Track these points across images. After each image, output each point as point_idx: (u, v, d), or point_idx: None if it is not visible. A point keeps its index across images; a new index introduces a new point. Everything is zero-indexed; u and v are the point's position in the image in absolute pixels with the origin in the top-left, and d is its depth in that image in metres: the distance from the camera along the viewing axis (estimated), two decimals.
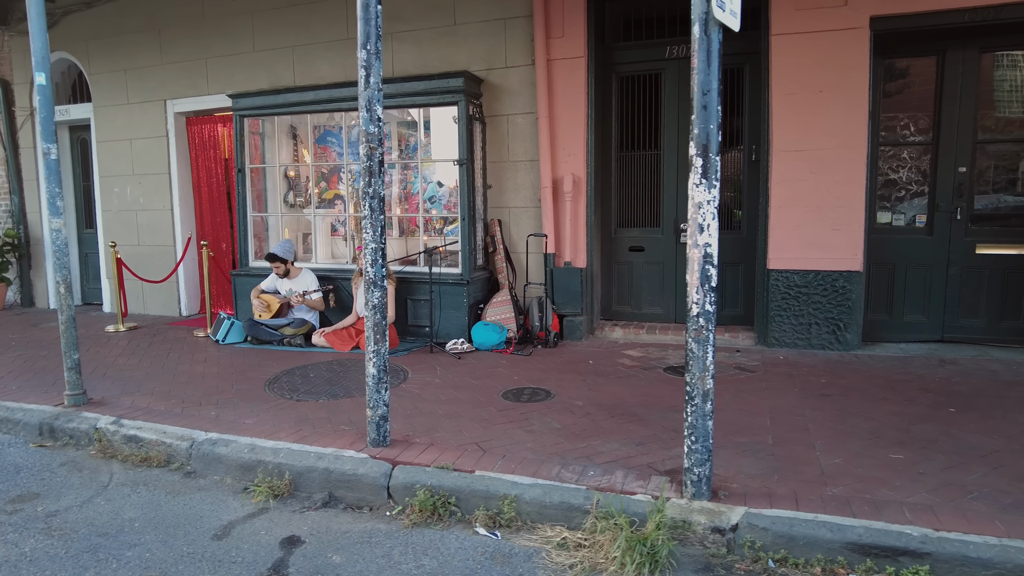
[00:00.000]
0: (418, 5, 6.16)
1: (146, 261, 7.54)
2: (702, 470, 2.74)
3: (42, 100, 3.97)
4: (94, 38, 7.45)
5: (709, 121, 2.57)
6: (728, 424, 3.69)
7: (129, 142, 7.50)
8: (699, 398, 2.70)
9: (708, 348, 2.67)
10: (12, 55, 7.95)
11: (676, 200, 6.02)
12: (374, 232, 3.25)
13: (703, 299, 2.65)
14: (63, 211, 4.08)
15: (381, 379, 3.34)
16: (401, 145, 6.60)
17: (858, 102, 5.04)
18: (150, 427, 3.84)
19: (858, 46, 5.00)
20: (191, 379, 4.85)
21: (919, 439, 3.43)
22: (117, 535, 2.87)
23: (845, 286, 5.22)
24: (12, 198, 8.15)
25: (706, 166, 2.59)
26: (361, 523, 2.99)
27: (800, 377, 4.61)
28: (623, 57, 6.02)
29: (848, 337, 5.27)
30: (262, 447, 3.50)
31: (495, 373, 4.89)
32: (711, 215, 2.61)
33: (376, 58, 3.15)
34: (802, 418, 3.78)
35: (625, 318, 6.35)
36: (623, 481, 2.98)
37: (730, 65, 5.68)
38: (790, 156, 5.25)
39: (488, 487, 2.98)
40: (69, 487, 3.38)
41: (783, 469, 3.08)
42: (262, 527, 2.94)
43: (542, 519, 2.88)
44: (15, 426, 4.15)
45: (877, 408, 3.91)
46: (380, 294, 3.30)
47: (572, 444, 3.45)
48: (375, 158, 3.21)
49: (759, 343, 5.55)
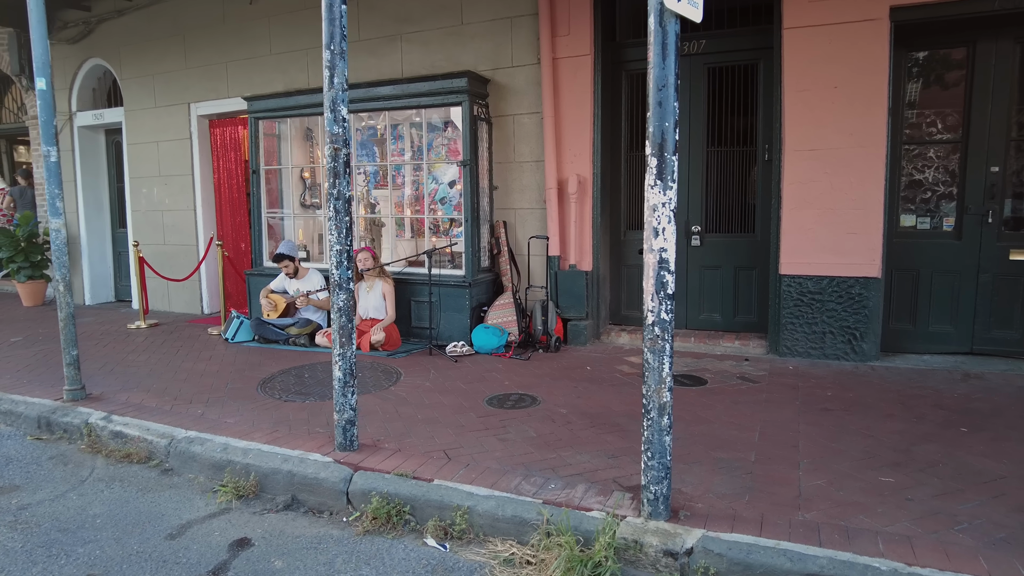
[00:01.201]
0: (427, 6, 6.14)
1: (171, 260, 7.77)
2: (659, 488, 2.59)
3: (42, 105, 4.10)
4: (125, 44, 7.73)
5: (665, 118, 2.42)
6: (712, 438, 3.51)
7: (156, 144, 7.75)
8: (655, 411, 2.55)
9: (664, 359, 2.52)
10: (54, 62, 8.29)
11: (687, 202, 5.80)
12: (339, 234, 3.21)
13: (658, 307, 2.50)
14: (62, 212, 4.21)
15: (347, 383, 3.31)
16: (413, 146, 6.58)
17: (876, 98, 4.73)
18: (136, 424, 3.91)
19: (876, 39, 4.70)
20: (190, 377, 4.94)
21: (917, 461, 3.17)
22: (76, 531, 2.91)
23: (862, 293, 4.92)
24: None
25: (661, 166, 2.44)
26: (316, 528, 2.96)
27: (805, 389, 4.36)
28: (633, 55, 5.85)
29: (865, 347, 4.96)
30: (234, 447, 3.52)
31: (487, 378, 4.80)
32: (667, 218, 2.46)
33: (340, 58, 3.11)
34: (794, 434, 3.55)
35: (634, 323, 6.16)
36: (582, 496, 2.85)
37: (743, 61, 5.47)
38: (803, 156, 4.98)
39: (443, 497, 2.90)
40: (49, 481, 3.47)
41: (757, 489, 2.89)
42: (218, 528, 2.94)
43: (494, 532, 2.78)
44: (17, 419, 4.30)
45: (879, 425, 3.65)
46: (345, 296, 3.26)
47: (542, 454, 3.34)
48: (340, 159, 3.17)
49: (770, 352, 5.29)
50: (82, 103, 8.29)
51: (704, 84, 5.62)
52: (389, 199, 6.52)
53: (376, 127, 6.55)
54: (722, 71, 5.56)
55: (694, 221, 5.81)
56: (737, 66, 5.50)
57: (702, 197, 5.76)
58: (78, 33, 7.97)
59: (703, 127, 5.67)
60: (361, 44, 6.47)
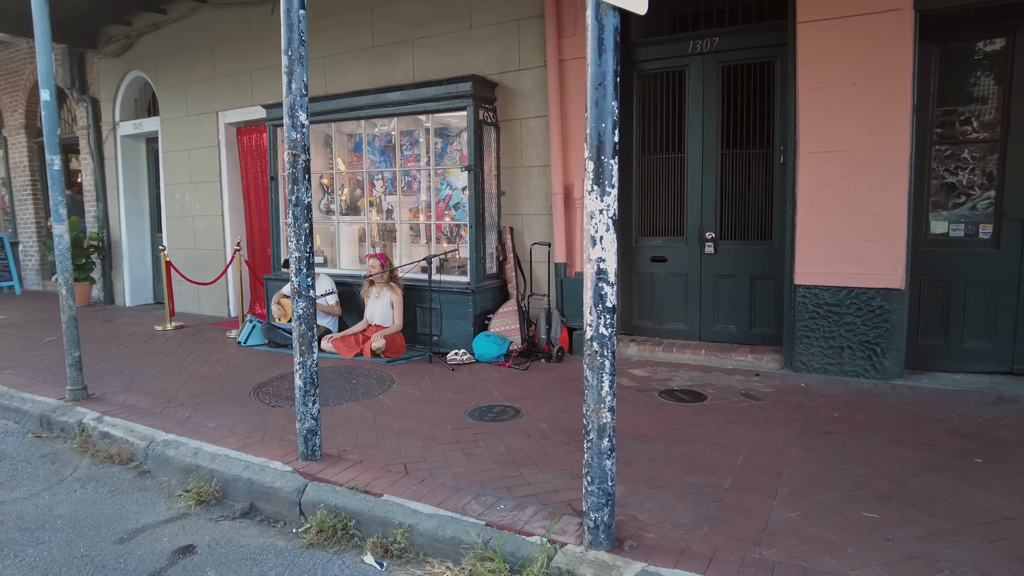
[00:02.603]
0: (437, 11, 6.10)
1: (201, 264, 8.02)
2: (599, 516, 2.41)
3: (47, 115, 4.26)
4: (161, 56, 8.05)
5: (602, 119, 2.26)
6: (690, 460, 3.28)
7: (188, 152, 8.02)
8: (594, 433, 2.38)
9: (604, 376, 2.34)
10: (100, 75, 8.75)
11: (700, 207, 5.53)
12: (298, 240, 3.18)
13: (597, 321, 2.33)
14: (65, 218, 4.35)
15: (307, 391, 3.26)
16: (429, 152, 6.55)
17: (899, 95, 4.37)
18: (122, 425, 4.00)
19: (899, 31, 4.34)
20: (191, 379, 5.04)
21: (913, 494, 2.86)
22: (35, 531, 2.97)
23: (883, 306, 4.55)
24: (98, 204, 8.97)
25: (599, 171, 2.28)
26: (263, 538, 2.91)
27: (811, 409, 4.04)
28: (644, 55, 5.63)
29: (886, 364, 4.58)
30: (204, 452, 3.53)
31: (479, 388, 4.69)
32: (604, 226, 2.29)
33: (299, 64, 3.08)
34: (783, 459, 3.28)
35: (645, 333, 5.91)
36: (529, 519, 2.69)
37: (758, 59, 5.17)
38: (818, 158, 4.65)
39: (387, 513, 2.81)
40: (31, 479, 3.58)
41: (719, 520, 2.66)
42: (169, 534, 2.94)
43: (434, 553, 2.66)
44: (23, 416, 4.48)
45: (881, 452, 3.33)
46: (305, 304, 3.22)
47: (504, 471, 3.20)
48: (298, 165, 3.14)
49: (784, 367, 4.96)
50: (124, 113, 8.69)
51: (717, 84, 5.34)
52: (399, 205, 6.50)
53: (391, 133, 6.56)
54: (737, 69, 5.27)
55: (708, 227, 5.53)
56: (752, 64, 5.20)
57: (716, 202, 5.47)
58: (120, 47, 8.36)
59: (716, 128, 5.40)
60: (375, 51, 6.50)
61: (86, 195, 9.18)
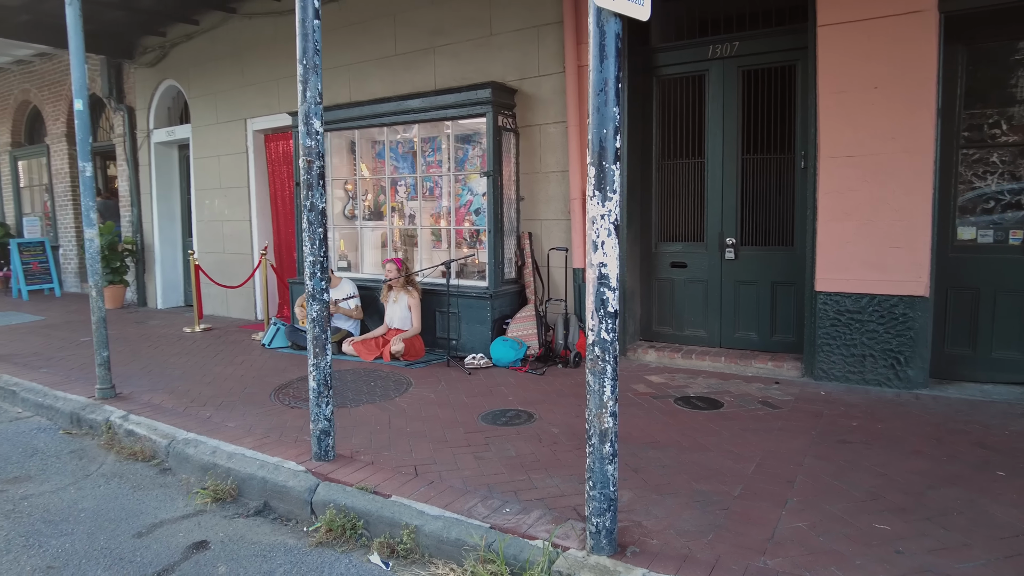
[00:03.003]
0: (458, 18, 6.17)
1: (229, 268, 8.21)
2: (601, 521, 2.41)
3: (79, 124, 4.43)
4: (193, 66, 8.29)
5: (604, 125, 2.27)
6: (701, 468, 3.25)
7: (217, 158, 8.24)
8: (596, 439, 2.38)
9: (606, 381, 2.34)
10: (136, 85, 9.05)
11: (721, 212, 5.48)
12: (312, 245, 3.25)
13: (599, 326, 2.34)
14: (95, 223, 4.51)
15: (321, 393, 3.33)
16: (451, 157, 6.61)
17: (922, 98, 4.28)
18: (146, 423, 4.12)
19: (923, 33, 4.25)
20: (215, 380, 5.17)
21: (928, 507, 2.79)
22: (59, 523, 3.08)
23: (906, 313, 4.44)
24: (133, 210, 9.26)
25: (601, 176, 2.29)
26: (275, 536, 2.98)
27: (829, 417, 3.97)
28: (664, 59, 5.61)
29: (910, 373, 4.47)
30: (222, 451, 3.62)
31: (494, 392, 4.71)
32: (606, 231, 2.30)
33: (313, 73, 3.16)
34: (796, 468, 3.23)
35: (665, 340, 5.87)
36: (533, 523, 2.70)
37: (779, 63, 5.11)
38: (839, 163, 4.58)
39: (395, 514, 2.85)
40: (59, 473, 3.71)
41: (725, 528, 2.64)
42: (184, 529, 3.03)
43: (439, 554, 2.69)
44: (56, 414, 4.64)
45: (898, 463, 3.26)
46: (319, 307, 3.29)
47: (512, 475, 3.21)
48: (313, 171, 3.21)
49: (805, 375, 4.88)
50: (158, 121, 8.97)
51: (737, 88, 5.29)
52: (419, 210, 6.58)
53: (413, 139, 6.64)
54: (757, 74, 5.22)
55: (728, 233, 5.47)
56: (773, 68, 5.14)
57: (737, 208, 5.42)
58: (155, 57, 8.64)
59: (737, 133, 5.35)
60: (398, 59, 6.59)
61: (121, 200, 9.48)
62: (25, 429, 4.48)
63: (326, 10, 7.00)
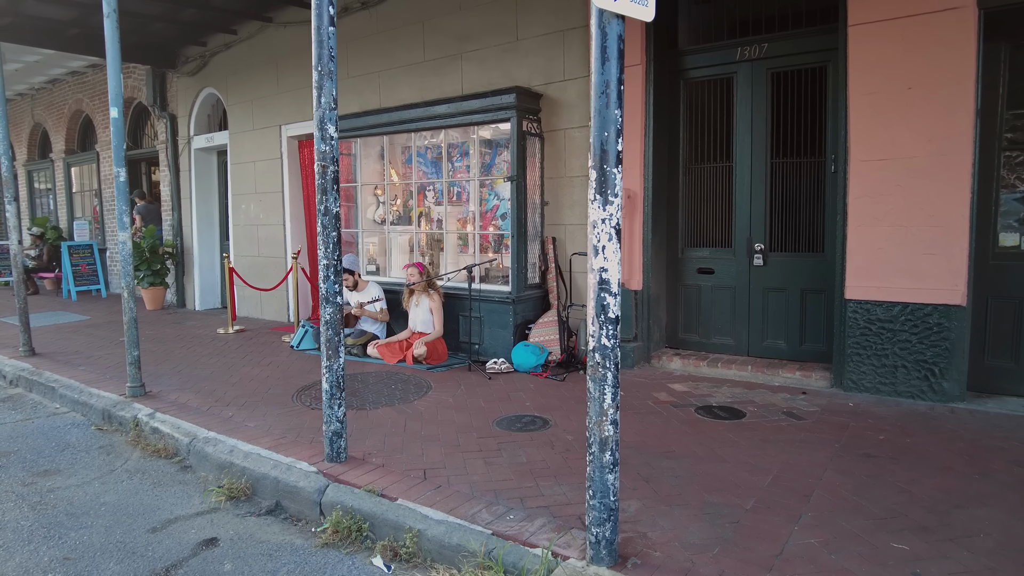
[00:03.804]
0: (485, 24, 6.20)
1: (264, 271, 8.40)
2: (601, 531, 2.36)
3: (115, 131, 4.60)
4: (231, 74, 8.53)
5: (605, 127, 2.23)
6: (715, 479, 3.17)
7: (253, 164, 8.45)
8: (596, 447, 2.34)
9: (607, 388, 2.30)
10: (178, 93, 9.37)
11: (749, 217, 5.35)
12: (326, 248, 3.29)
13: (599, 332, 2.29)
14: (127, 226, 4.68)
15: (334, 395, 3.36)
16: (479, 163, 6.63)
17: (960, 99, 4.10)
18: (171, 422, 4.24)
19: (960, 30, 4.07)
20: (241, 380, 5.29)
21: (953, 527, 2.65)
22: (81, 516, 3.19)
23: (941, 323, 4.25)
24: (174, 214, 9.57)
25: (602, 180, 2.25)
26: (283, 535, 3.02)
27: (855, 430, 3.82)
28: (692, 62, 5.52)
29: (945, 386, 4.27)
30: (239, 450, 3.69)
31: (513, 397, 4.69)
32: (607, 236, 2.26)
33: (328, 79, 3.20)
34: (814, 481, 3.12)
35: (692, 347, 5.75)
36: (536, 530, 2.67)
37: (809, 64, 4.98)
38: (871, 166, 4.42)
39: (399, 517, 2.85)
40: (87, 467, 3.84)
41: (733, 542, 2.56)
42: (197, 526, 3.09)
43: (441, 558, 2.68)
44: (89, 410, 4.81)
45: (925, 480, 3.11)
46: (332, 310, 3.32)
47: (520, 482, 3.18)
48: (328, 176, 3.25)
49: (834, 385, 4.72)
50: (198, 128, 9.26)
51: (767, 90, 5.17)
52: (446, 215, 6.61)
53: (440, 145, 6.68)
54: (787, 76, 5.09)
55: (757, 239, 5.34)
56: (803, 70, 5.00)
57: (765, 212, 5.28)
58: (196, 66, 8.92)
59: (765, 137, 5.22)
60: (426, 65, 6.65)
61: (164, 205, 9.81)
62: (60, 424, 4.66)
63: (358, 18, 7.13)
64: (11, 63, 10.23)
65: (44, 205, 13.25)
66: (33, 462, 3.93)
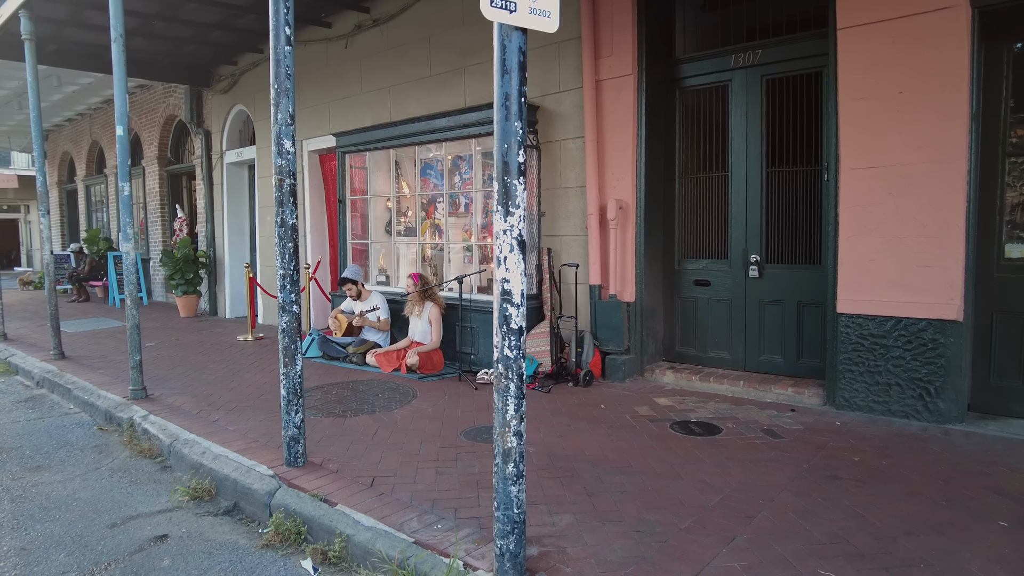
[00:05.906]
0: (486, 38, 6.25)
1: None
2: (505, 543, 2.34)
3: (120, 147, 4.88)
4: (258, 91, 8.90)
5: (506, 139, 2.24)
6: (660, 496, 3.09)
7: None
8: (500, 458, 2.33)
9: (510, 400, 2.29)
10: (212, 110, 9.84)
11: (744, 228, 5.20)
12: (282, 259, 3.39)
13: (503, 343, 2.29)
14: (132, 238, 4.94)
15: (291, 401, 3.45)
16: (484, 174, 6.69)
17: (954, 103, 3.89)
18: (159, 423, 4.43)
19: (953, 32, 3.87)
20: (239, 386, 5.48)
21: (894, 556, 2.50)
22: (53, 510, 3.37)
23: (936, 339, 4.02)
24: (207, 225, 10.03)
25: (504, 191, 2.25)
26: (230, 535, 3.11)
27: (831, 450, 3.65)
28: (687, 70, 5.43)
29: (941, 405, 4.03)
30: (210, 452, 3.83)
31: (491, 407, 4.66)
32: (509, 246, 2.26)
33: (285, 96, 3.31)
34: (764, 503, 2.99)
35: (688, 361, 5.62)
36: (458, 540, 2.67)
37: (804, 70, 4.83)
38: (861, 174, 4.24)
39: (333, 522, 2.90)
40: (75, 465, 4.06)
41: (651, 562, 2.48)
42: (154, 523, 3.22)
43: (365, 564, 2.71)
44: (95, 411, 5.08)
45: (885, 504, 2.94)
46: (288, 319, 3.42)
47: (463, 492, 3.18)
48: (284, 189, 3.36)
49: (827, 403, 4.51)
50: (230, 143, 9.69)
51: (761, 97, 5.03)
52: (447, 226, 6.69)
53: (444, 157, 6.78)
54: (781, 83, 4.94)
55: (752, 250, 5.18)
56: (798, 76, 4.85)
57: (761, 223, 5.13)
58: (227, 84, 9.36)
59: (761, 145, 5.07)
60: (432, 79, 6.78)
61: (199, 217, 10.29)
62: (67, 424, 4.94)
63: (370, 35, 7.34)
64: (69, 85, 10.99)
65: (99, 218, 14.09)
66: (30, 458, 4.18)
